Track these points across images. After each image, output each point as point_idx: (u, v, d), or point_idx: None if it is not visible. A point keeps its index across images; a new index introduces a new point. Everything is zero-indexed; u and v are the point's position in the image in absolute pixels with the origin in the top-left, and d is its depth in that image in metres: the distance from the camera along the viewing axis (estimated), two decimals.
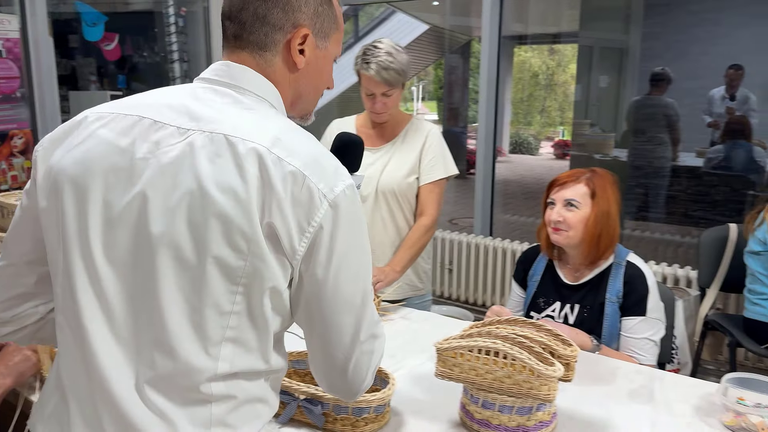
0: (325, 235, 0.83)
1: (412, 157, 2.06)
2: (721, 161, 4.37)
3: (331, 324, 0.88)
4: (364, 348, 0.91)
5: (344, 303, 0.87)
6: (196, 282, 0.81)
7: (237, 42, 0.92)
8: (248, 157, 0.81)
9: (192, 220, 0.81)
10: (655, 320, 1.72)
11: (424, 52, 10.54)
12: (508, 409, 1.22)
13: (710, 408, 1.37)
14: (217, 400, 0.84)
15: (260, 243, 0.80)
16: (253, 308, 0.84)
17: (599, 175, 1.77)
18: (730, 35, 4.73)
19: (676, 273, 3.22)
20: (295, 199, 0.81)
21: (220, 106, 0.88)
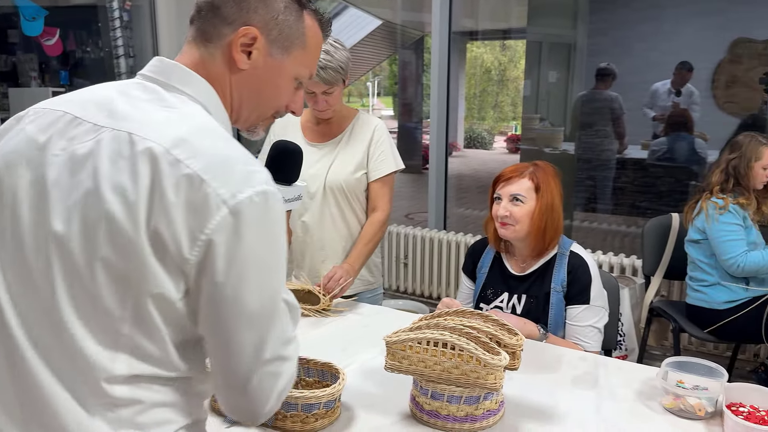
0: (222, 245, 0.77)
1: (359, 153, 2.05)
2: (665, 153, 4.51)
3: (231, 339, 0.82)
4: (269, 369, 0.84)
5: (246, 317, 0.81)
6: (86, 285, 0.79)
7: (191, 30, 0.92)
8: (143, 157, 0.78)
9: (86, 221, 0.78)
10: (598, 308, 1.77)
11: (377, 48, 10.55)
12: (457, 399, 1.24)
13: (651, 392, 1.42)
14: (123, 403, 0.82)
15: (142, 248, 0.77)
16: (142, 315, 0.80)
17: (542, 168, 1.80)
18: (673, 31, 4.88)
19: (622, 262, 3.31)
20: (190, 204, 0.76)
21: (140, 103, 0.85)
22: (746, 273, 2.43)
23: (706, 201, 2.53)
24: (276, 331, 0.85)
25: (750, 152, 2.49)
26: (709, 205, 2.51)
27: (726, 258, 2.44)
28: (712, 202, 2.50)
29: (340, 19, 9.91)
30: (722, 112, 4.62)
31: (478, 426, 1.25)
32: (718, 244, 2.47)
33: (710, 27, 4.72)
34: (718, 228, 2.46)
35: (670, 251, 2.87)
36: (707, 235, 2.51)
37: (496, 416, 1.28)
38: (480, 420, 1.25)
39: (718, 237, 2.46)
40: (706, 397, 1.31)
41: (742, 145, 2.52)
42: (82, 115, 0.85)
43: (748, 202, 2.49)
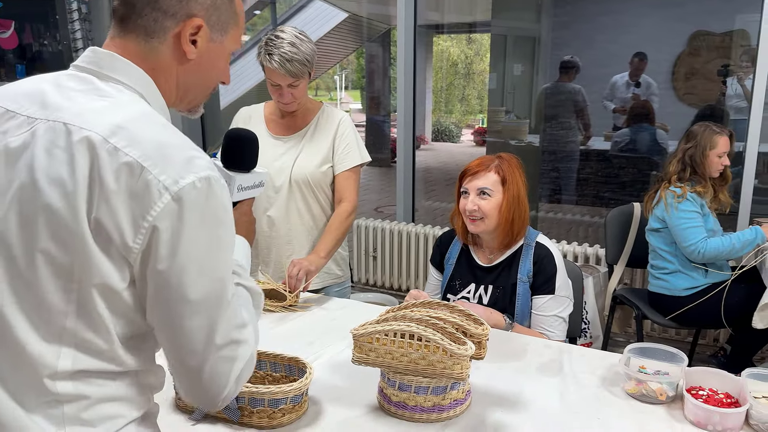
0: (165, 231, 0.77)
1: (324, 146, 2.04)
2: (627, 144, 4.59)
3: (179, 326, 0.81)
4: (223, 353, 0.84)
5: (194, 304, 0.81)
6: (27, 279, 0.78)
7: (123, 25, 0.88)
8: (80, 146, 0.77)
9: (23, 214, 0.78)
10: (563, 298, 1.80)
11: (343, 41, 10.50)
12: (424, 390, 1.25)
13: (615, 377, 1.45)
14: (67, 400, 0.81)
15: (84, 238, 0.76)
16: (88, 308, 0.79)
17: (506, 160, 1.82)
18: (634, 24, 4.96)
19: (586, 251, 3.37)
20: (131, 192, 0.76)
21: (73, 93, 0.84)
22: (707, 258, 2.50)
23: (664, 190, 2.59)
24: (226, 316, 0.84)
25: (705, 141, 2.56)
26: (667, 194, 2.57)
27: (687, 245, 2.50)
28: (670, 191, 2.56)
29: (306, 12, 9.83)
30: (682, 103, 4.73)
31: (445, 416, 1.26)
32: (678, 232, 2.52)
33: (670, 19, 4.82)
34: (678, 216, 2.52)
35: (632, 240, 2.93)
36: (667, 224, 2.57)
37: (463, 405, 1.29)
38: (447, 410, 1.26)
39: (677, 224, 2.52)
40: (667, 382, 1.34)
41: (696, 135, 2.59)
42: (14, 107, 0.83)
43: (705, 190, 2.55)
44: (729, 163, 2.60)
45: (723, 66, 4.38)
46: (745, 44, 4.36)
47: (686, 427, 1.25)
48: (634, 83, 4.58)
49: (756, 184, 3.12)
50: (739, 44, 4.44)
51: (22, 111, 0.83)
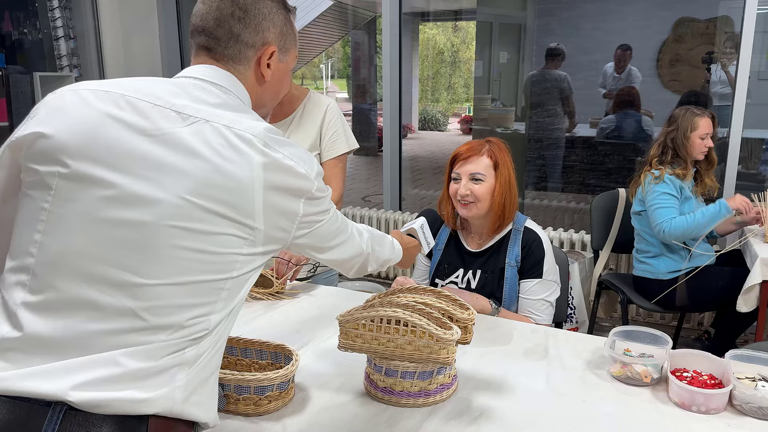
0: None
1: (312, 133, 2.01)
2: (612, 131, 4.62)
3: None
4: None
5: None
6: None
7: (211, 54, 1.03)
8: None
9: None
10: (550, 282, 1.81)
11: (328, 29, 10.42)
12: (410, 375, 1.25)
13: (600, 361, 1.46)
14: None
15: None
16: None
17: (496, 144, 1.82)
18: (620, 11, 4.97)
19: (572, 237, 3.39)
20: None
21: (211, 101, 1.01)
22: (674, 237, 2.50)
23: (645, 173, 2.62)
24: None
25: (686, 123, 2.58)
26: (646, 176, 2.61)
27: (655, 224, 2.53)
28: (649, 173, 2.60)
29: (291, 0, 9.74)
30: (667, 90, 4.76)
31: (431, 400, 1.26)
32: (650, 213, 2.56)
33: (654, 6, 4.83)
34: (652, 197, 2.55)
35: (617, 226, 2.95)
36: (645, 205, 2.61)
37: (450, 390, 1.29)
38: (433, 394, 1.26)
39: (651, 205, 2.55)
40: (651, 364, 1.35)
41: (677, 118, 2.61)
42: (162, 103, 0.97)
43: (684, 172, 2.57)
44: (712, 144, 2.62)
45: (707, 53, 4.40)
46: (729, 31, 4.38)
47: (671, 409, 1.26)
48: (617, 72, 4.61)
49: (740, 169, 3.15)
50: (723, 31, 4.46)
51: (174, 108, 0.93)
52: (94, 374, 0.84)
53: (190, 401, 0.90)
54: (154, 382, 0.87)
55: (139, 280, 0.87)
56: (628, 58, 4.55)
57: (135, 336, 0.86)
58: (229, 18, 1.01)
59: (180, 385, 0.89)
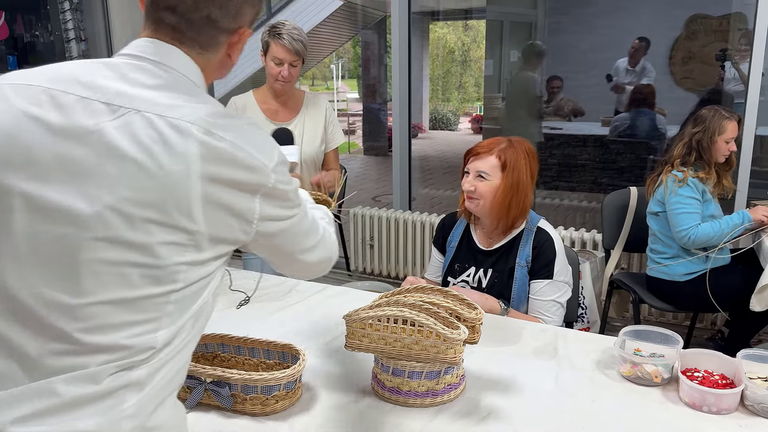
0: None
1: (320, 129, 2.36)
2: (626, 129, 4.57)
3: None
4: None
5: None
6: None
7: (176, 35, 0.90)
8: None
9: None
10: (561, 283, 1.79)
11: (338, 29, 10.42)
12: (418, 375, 1.24)
13: (610, 360, 1.44)
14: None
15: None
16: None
17: (514, 146, 1.79)
18: (632, 8, 4.93)
19: (583, 236, 3.36)
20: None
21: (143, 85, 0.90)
22: (697, 244, 2.48)
23: (666, 174, 2.56)
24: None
25: (714, 126, 2.51)
26: (668, 177, 2.54)
27: (678, 229, 2.49)
28: (672, 174, 2.53)
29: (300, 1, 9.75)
30: (680, 87, 4.71)
31: (439, 400, 1.26)
32: (672, 216, 2.51)
33: (667, 3, 4.78)
34: (675, 200, 2.50)
35: (629, 225, 2.92)
36: (666, 208, 2.56)
37: (457, 390, 1.29)
38: (441, 394, 1.26)
39: (673, 209, 2.50)
40: (662, 364, 1.33)
41: (705, 119, 2.54)
42: (89, 95, 0.88)
43: (707, 176, 2.52)
44: (735, 148, 2.56)
45: (721, 50, 4.35)
46: (742, 27, 4.33)
47: (681, 409, 1.25)
48: (631, 66, 4.56)
49: (753, 167, 3.10)
50: (737, 27, 4.41)
51: (102, 99, 0.83)
52: (34, 406, 0.78)
53: (146, 427, 0.83)
54: (98, 408, 0.80)
55: (69, 300, 0.79)
56: (643, 52, 4.50)
57: (72, 359, 0.79)
58: (210, 3, 0.88)
59: (129, 411, 0.81)
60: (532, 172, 1.80)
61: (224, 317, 1.74)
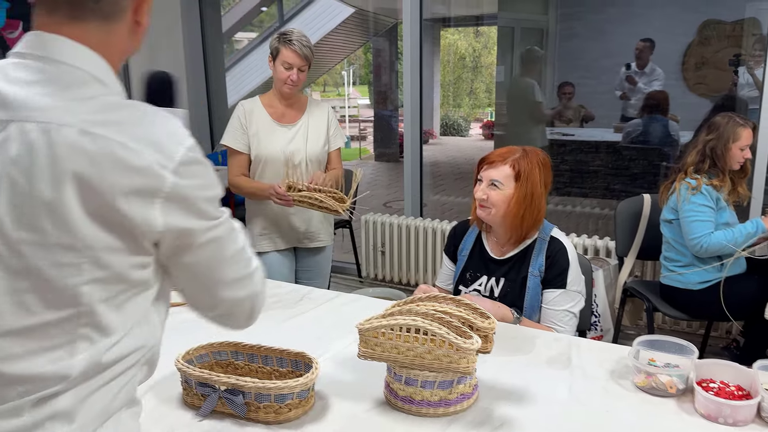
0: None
1: (323, 130, 2.48)
2: (639, 135, 4.55)
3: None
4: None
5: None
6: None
7: (75, 11, 0.79)
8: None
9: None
10: (575, 293, 1.78)
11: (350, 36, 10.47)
12: (430, 384, 1.24)
13: (624, 370, 1.43)
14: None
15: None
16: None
17: (528, 156, 1.77)
18: (643, 14, 4.91)
19: (596, 244, 3.34)
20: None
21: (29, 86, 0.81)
22: (710, 253, 2.46)
23: (680, 181, 2.54)
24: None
25: (728, 133, 2.49)
26: (682, 185, 2.52)
27: (691, 237, 2.47)
28: (685, 182, 2.51)
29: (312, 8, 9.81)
30: (692, 93, 4.67)
31: (452, 410, 1.25)
32: (685, 224, 2.49)
33: (679, 8, 4.76)
34: (688, 208, 2.48)
35: (642, 232, 2.90)
36: (679, 215, 2.54)
37: (470, 399, 1.28)
38: (454, 404, 1.25)
39: (686, 216, 2.49)
40: (677, 375, 1.32)
41: (719, 126, 2.51)
42: None
43: (721, 183, 2.50)
44: (750, 156, 2.54)
45: (734, 56, 4.32)
46: (756, 33, 4.30)
47: (697, 420, 1.24)
48: (638, 68, 4.54)
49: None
50: (751, 33, 4.37)
51: None
52: None
53: None
54: None
55: None
56: (649, 52, 4.48)
57: None
58: None
59: None
60: (545, 183, 1.79)
61: None
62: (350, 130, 15.04)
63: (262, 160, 2.40)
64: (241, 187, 2.42)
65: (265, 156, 2.39)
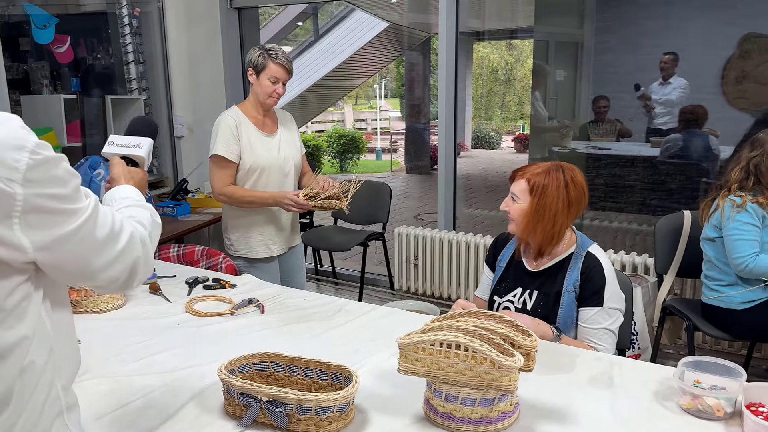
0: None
1: (296, 137, 2.69)
2: (677, 150, 4.47)
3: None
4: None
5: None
6: None
7: None
8: None
9: None
10: (613, 310, 1.76)
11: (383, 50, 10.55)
12: (471, 401, 1.23)
13: (668, 392, 1.40)
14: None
15: None
16: None
17: (553, 172, 1.77)
18: (680, 27, 4.84)
19: (634, 260, 3.29)
20: None
21: None
22: (755, 274, 2.38)
23: (723, 198, 2.47)
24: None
25: None
26: (726, 202, 2.45)
27: (735, 257, 2.40)
28: (729, 199, 2.45)
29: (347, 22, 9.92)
30: (732, 108, 4.58)
31: (492, 428, 1.24)
32: (729, 243, 2.42)
33: (718, 22, 4.68)
34: (733, 226, 2.42)
35: (683, 249, 2.84)
36: (722, 233, 2.48)
37: (511, 418, 1.27)
38: (495, 422, 1.25)
39: (730, 235, 2.42)
40: (724, 398, 1.29)
41: (764, 143, 2.44)
42: None
43: (767, 201, 2.43)
44: None
45: None
46: None
47: None
48: (663, 81, 4.50)
49: None
50: None
51: None
52: None
53: None
54: None
55: None
56: (673, 66, 4.44)
57: None
58: None
59: None
60: (569, 200, 1.75)
61: (274, 335, 1.76)
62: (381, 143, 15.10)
63: (257, 169, 2.50)
64: (235, 197, 2.49)
65: (261, 165, 2.50)
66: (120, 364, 1.56)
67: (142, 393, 1.42)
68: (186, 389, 1.43)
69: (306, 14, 10.32)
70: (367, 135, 15.56)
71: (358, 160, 12.99)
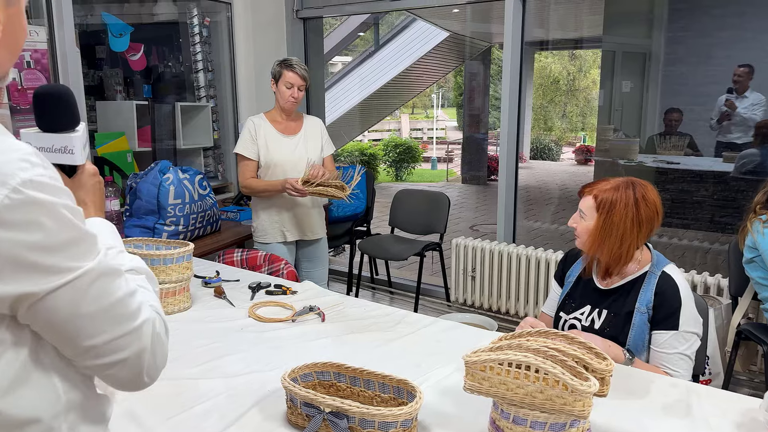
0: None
1: (318, 141, 2.95)
2: (753, 166, 4.27)
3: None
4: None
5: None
6: None
7: None
8: None
9: None
10: (690, 334, 1.67)
11: (443, 60, 10.52)
12: (541, 426, 1.19)
13: (752, 424, 1.32)
14: None
15: None
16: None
17: (623, 189, 1.70)
18: (754, 39, 4.64)
19: (706, 281, 3.14)
20: None
21: None
22: None
23: (750, 220, 2.47)
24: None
25: None
26: (754, 222, 2.45)
27: None
28: (756, 219, 2.44)
29: (408, 32, 9.95)
30: None
31: None
32: (767, 257, 2.35)
33: None
34: (765, 240, 2.35)
35: None
36: (759, 251, 2.41)
37: None
38: None
39: (765, 249, 2.36)
40: None
41: None
42: None
43: None
44: None
45: None
46: None
47: None
48: (736, 95, 4.30)
49: None
50: None
51: None
52: None
53: None
54: None
55: None
56: (748, 78, 4.25)
57: None
58: None
59: None
60: (639, 219, 1.67)
61: (334, 345, 1.76)
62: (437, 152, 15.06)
63: (272, 165, 2.85)
64: (252, 187, 2.86)
65: (275, 161, 2.84)
66: (186, 367, 1.59)
67: (207, 397, 1.43)
68: (249, 395, 1.44)
69: (367, 24, 10.42)
70: (423, 144, 15.55)
71: (413, 169, 13.00)
